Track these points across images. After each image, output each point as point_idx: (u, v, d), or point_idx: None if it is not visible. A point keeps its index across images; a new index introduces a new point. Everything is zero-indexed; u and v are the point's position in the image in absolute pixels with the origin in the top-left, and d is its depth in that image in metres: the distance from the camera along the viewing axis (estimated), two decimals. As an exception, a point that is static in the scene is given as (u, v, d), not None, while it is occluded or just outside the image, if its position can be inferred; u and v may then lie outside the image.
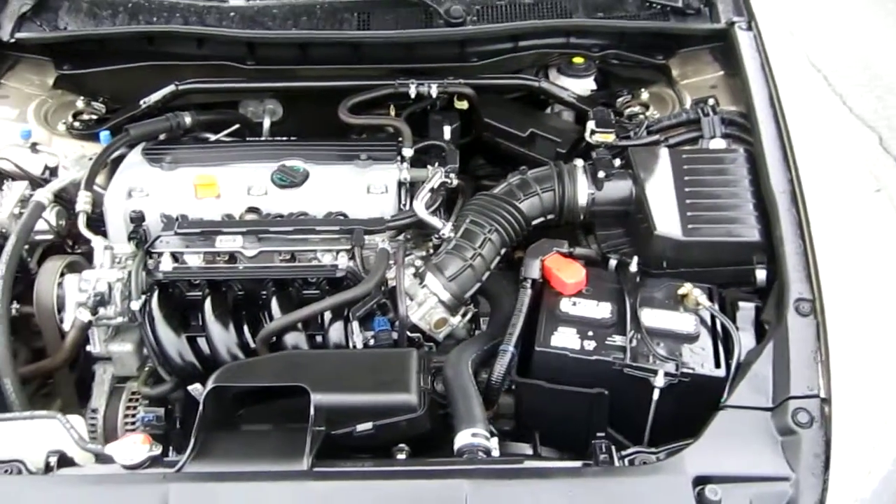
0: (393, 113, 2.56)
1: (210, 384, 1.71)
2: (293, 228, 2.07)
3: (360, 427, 1.71)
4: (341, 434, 1.70)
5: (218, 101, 2.69)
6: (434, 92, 2.41)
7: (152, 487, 1.55)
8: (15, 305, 2.06)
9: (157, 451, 1.62)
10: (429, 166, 2.23)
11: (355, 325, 1.96)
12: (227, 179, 2.20)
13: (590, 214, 2.15)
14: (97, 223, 2.24)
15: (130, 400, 2.10)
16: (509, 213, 2.07)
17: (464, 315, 2.07)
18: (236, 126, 2.59)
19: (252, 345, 2.00)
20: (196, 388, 2.02)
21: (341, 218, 2.12)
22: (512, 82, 2.56)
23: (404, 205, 2.22)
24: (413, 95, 2.41)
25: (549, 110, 2.67)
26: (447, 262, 2.00)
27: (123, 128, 2.33)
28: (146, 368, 2.12)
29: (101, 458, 1.67)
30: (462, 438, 1.68)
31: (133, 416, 2.08)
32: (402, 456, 1.71)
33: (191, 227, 2.08)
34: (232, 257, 2.10)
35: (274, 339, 1.97)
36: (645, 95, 2.50)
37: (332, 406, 1.68)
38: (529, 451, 1.89)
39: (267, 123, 2.69)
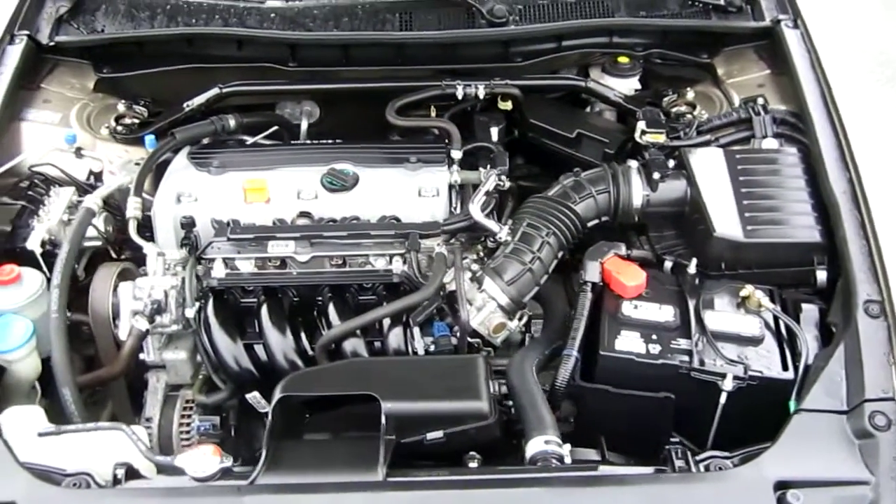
0: (433, 114, 2.53)
1: (277, 393, 1.69)
2: (347, 233, 2.05)
3: (431, 435, 1.69)
4: (410, 442, 1.69)
5: (255, 103, 2.66)
6: (481, 93, 2.39)
7: (227, 500, 1.53)
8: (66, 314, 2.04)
9: (228, 462, 1.61)
10: (481, 169, 2.21)
11: (416, 330, 1.94)
12: (276, 183, 2.18)
13: (644, 216, 2.14)
14: (142, 228, 2.23)
15: (184, 408, 2.08)
16: (565, 216, 2.05)
17: (520, 319, 2.05)
18: (275, 128, 2.57)
19: (310, 351, 1.98)
20: (254, 397, 2.00)
21: (396, 222, 2.10)
22: (559, 82, 2.54)
23: (455, 208, 2.20)
24: (460, 96, 2.39)
25: (588, 110, 2.65)
26: (505, 266, 1.99)
27: (169, 132, 2.30)
28: (200, 376, 2.09)
29: (168, 470, 1.65)
30: (534, 446, 1.67)
31: (188, 424, 2.06)
32: (473, 464, 1.69)
33: (244, 232, 2.06)
34: (283, 263, 2.07)
35: (333, 345, 1.95)
36: (690, 95, 2.48)
37: (401, 414, 1.66)
38: (594, 457, 1.88)
39: (304, 125, 2.67)
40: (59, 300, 1.89)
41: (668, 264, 2.08)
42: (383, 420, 1.62)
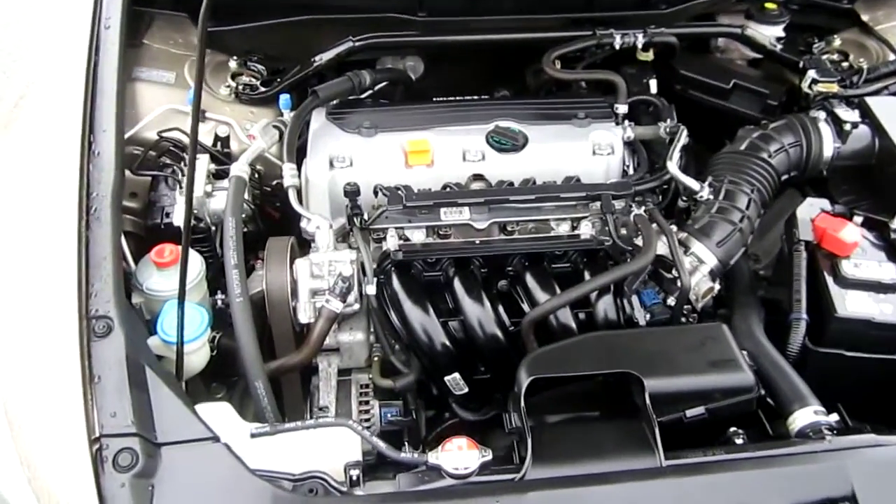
0: (559, 66, 2.35)
1: (525, 375, 1.52)
2: (535, 196, 1.88)
3: (691, 412, 1.56)
4: (669, 421, 1.55)
5: (357, 59, 2.43)
6: (640, 42, 2.22)
7: (511, 499, 1.36)
8: (220, 296, 1.82)
9: (488, 455, 1.44)
10: (660, 123, 2.06)
11: (635, 300, 1.79)
12: (438, 144, 1.99)
13: (831, 169, 2.03)
14: (275, 197, 2.03)
15: (361, 394, 1.89)
16: (765, 171, 1.93)
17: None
18: (383, 83, 2.35)
19: (507, 323, 1.82)
20: (454, 379, 1.82)
21: (584, 183, 1.93)
22: (713, 30, 2.39)
23: (628, 166, 2.05)
24: (618, 46, 2.22)
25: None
26: (713, 227, 1.85)
27: (310, 90, 2.07)
28: (375, 359, 1.90)
29: (422, 469, 1.47)
30: (804, 417, 1.57)
31: (367, 412, 1.87)
32: (739, 441, 1.56)
33: (420, 199, 1.86)
34: (458, 231, 1.90)
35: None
36: (837, 42, 2.37)
37: (664, 392, 1.53)
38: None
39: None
40: (241, 282, 1.67)
41: (857, 219, 1.98)
42: (647, 399, 1.48)
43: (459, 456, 1.43)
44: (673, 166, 1.91)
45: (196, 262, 1.78)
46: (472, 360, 1.83)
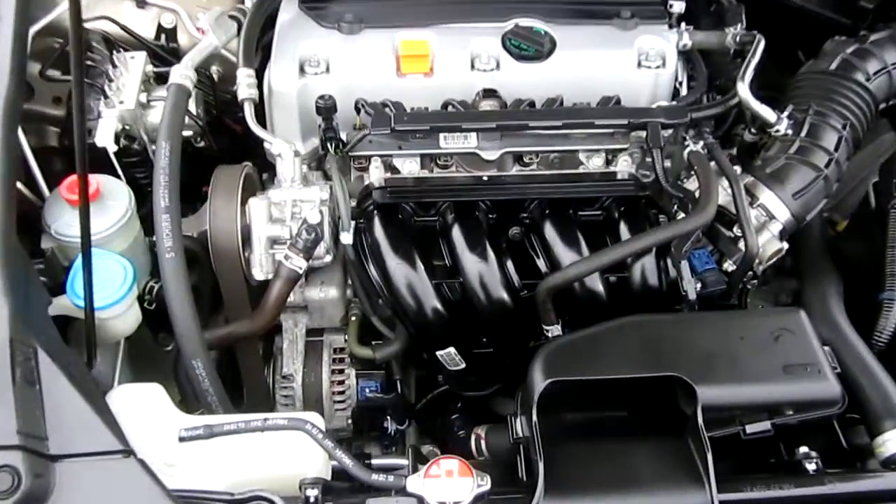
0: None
1: (540, 375, 1.16)
2: (561, 122, 1.45)
3: (752, 428, 1.20)
4: (722, 437, 1.20)
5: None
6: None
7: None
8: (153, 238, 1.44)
9: (486, 485, 1.09)
10: (728, 29, 1.60)
11: (684, 266, 1.40)
12: (440, 47, 1.55)
13: (938, 97, 1.59)
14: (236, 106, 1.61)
15: (334, 361, 1.54)
16: (861, 99, 1.49)
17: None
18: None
19: (516, 283, 1.45)
20: (448, 354, 1.46)
21: (627, 107, 1.51)
22: None
23: (680, 83, 1.62)
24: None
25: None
26: (790, 172, 1.44)
27: (278, -30, 1.62)
28: (353, 319, 1.54)
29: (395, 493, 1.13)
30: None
31: (341, 382, 1.53)
32: (812, 466, 1.21)
33: (414, 120, 1.44)
34: (462, 162, 1.50)
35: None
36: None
37: (721, 403, 1.17)
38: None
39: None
40: (173, 232, 1.28)
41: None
42: (699, 413, 1.12)
43: (448, 485, 1.09)
44: (745, 89, 1.47)
45: (122, 195, 1.39)
46: (471, 331, 1.47)
